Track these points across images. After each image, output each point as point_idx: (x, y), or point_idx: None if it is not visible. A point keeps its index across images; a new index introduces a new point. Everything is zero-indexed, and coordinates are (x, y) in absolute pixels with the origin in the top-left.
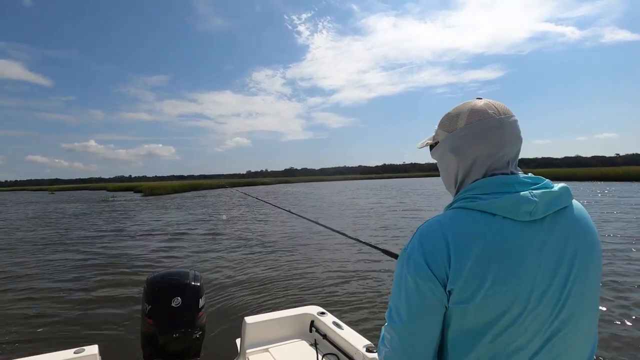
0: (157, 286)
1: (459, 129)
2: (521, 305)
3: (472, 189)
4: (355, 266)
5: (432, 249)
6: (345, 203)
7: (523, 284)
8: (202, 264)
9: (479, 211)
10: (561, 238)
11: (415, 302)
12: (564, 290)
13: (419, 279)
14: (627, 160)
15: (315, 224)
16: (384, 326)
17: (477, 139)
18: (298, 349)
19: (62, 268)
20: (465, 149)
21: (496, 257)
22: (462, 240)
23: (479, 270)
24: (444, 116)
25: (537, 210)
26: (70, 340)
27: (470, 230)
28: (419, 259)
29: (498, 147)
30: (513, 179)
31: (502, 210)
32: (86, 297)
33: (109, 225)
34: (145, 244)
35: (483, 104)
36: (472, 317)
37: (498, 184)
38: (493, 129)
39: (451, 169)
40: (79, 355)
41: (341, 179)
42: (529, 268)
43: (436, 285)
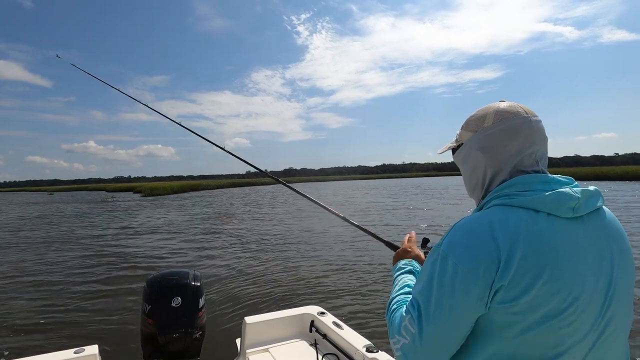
0: (157, 286)
1: (486, 127)
2: (574, 304)
3: (509, 187)
4: (355, 266)
5: (475, 249)
6: (356, 202)
7: (574, 281)
8: (202, 264)
9: (521, 208)
10: (601, 238)
11: (448, 303)
12: (609, 291)
13: (457, 280)
14: (626, 159)
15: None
16: (406, 317)
17: (505, 136)
18: (298, 349)
19: (61, 268)
20: (493, 146)
21: (545, 255)
22: (508, 237)
23: (528, 268)
24: (468, 119)
25: (580, 207)
26: (70, 340)
27: (516, 228)
28: (458, 259)
29: (527, 145)
30: (550, 178)
31: (546, 207)
32: (86, 297)
33: (108, 225)
34: (145, 244)
35: (509, 104)
36: (521, 316)
37: (536, 181)
38: (521, 126)
39: (478, 169)
40: (79, 355)
41: (341, 179)
42: (578, 266)
43: (477, 287)
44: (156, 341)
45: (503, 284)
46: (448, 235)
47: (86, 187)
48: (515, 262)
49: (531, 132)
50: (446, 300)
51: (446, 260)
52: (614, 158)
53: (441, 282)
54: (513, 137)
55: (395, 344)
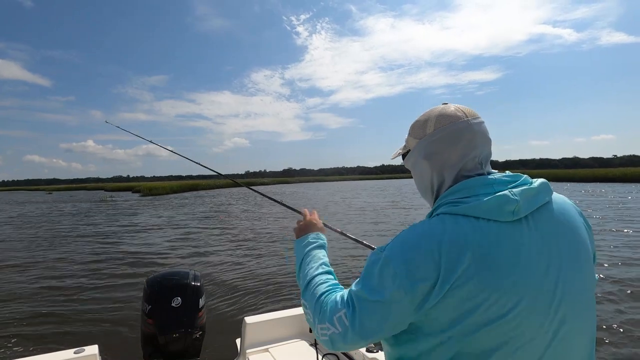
0: (157, 286)
1: (428, 134)
2: (515, 309)
3: (452, 193)
4: (355, 266)
5: (416, 259)
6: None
7: (515, 287)
8: (202, 264)
9: (462, 216)
10: (546, 235)
11: (381, 308)
12: (556, 290)
13: (394, 288)
14: (624, 161)
15: None
16: (341, 310)
17: (447, 142)
18: (298, 349)
19: (61, 268)
20: (436, 153)
21: (484, 265)
22: (449, 249)
23: (467, 279)
24: (412, 123)
25: (520, 209)
26: (70, 340)
27: (457, 237)
28: (399, 267)
29: (469, 149)
30: (491, 180)
31: (486, 213)
32: (86, 297)
33: (108, 225)
34: (145, 244)
35: (450, 108)
36: (459, 321)
37: (477, 185)
38: (462, 131)
39: (425, 176)
40: (79, 355)
41: (340, 180)
42: (520, 270)
43: (412, 297)
44: (156, 341)
45: (440, 296)
46: (393, 241)
47: (85, 187)
48: (454, 274)
49: (472, 136)
50: (380, 306)
51: (387, 265)
52: (612, 160)
53: (378, 286)
54: (455, 142)
55: (323, 329)
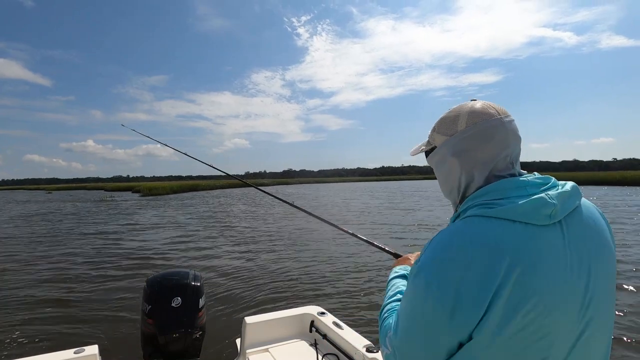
0: (157, 286)
1: (459, 131)
2: (551, 313)
3: (483, 195)
4: (355, 266)
5: (450, 266)
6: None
7: (554, 292)
8: (202, 264)
9: (496, 218)
10: (578, 239)
11: (420, 325)
12: (587, 293)
13: (431, 300)
14: (624, 164)
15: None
16: (390, 331)
17: (480, 140)
18: (298, 349)
19: (60, 268)
20: (468, 151)
21: (525, 268)
22: (486, 253)
23: (508, 284)
24: (439, 120)
25: (556, 212)
26: (70, 340)
27: (494, 241)
28: (431, 277)
29: (501, 148)
30: (524, 182)
31: (522, 216)
32: (86, 297)
33: (107, 225)
34: (145, 244)
35: (481, 105)
36: (496, 329)
37: (510, 187)
38: (495, 128)
39: (453, 175)
40: (79, 355)
41: (340, 181)
42: (555, 274)
43: (446, 309)
44: (156, 341)
45: (480, 304)
46: (427, 251)
47: (85, 186)
48: (494, 281)
49: (505, 134)
50: (418, 322)
51: (419, 276)
52: (612, 163)
53: (413, 300)
54: (487, 140)
55: (382, 350)
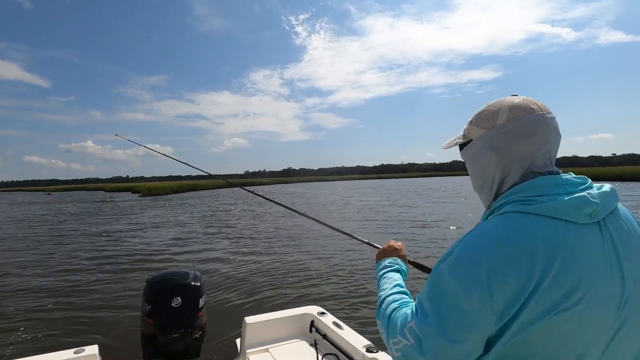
0: (157, 286)
1: (499, 124)
2: (592, 314)
3: (521, 191)
4: (355, 266)
5: (492, 261)
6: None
7: (594, 291)
8: (202, 264)
9: (535, 215)
10: (616, 240)
11: (458, 317)
12: (623, 293)
13: (470, 292)
14: (623, 160)
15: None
16: (412, 320)
17: (521, 135)
18: (298, 349)
19: (61, 268)
20: (507, 145)
21: (567, 266)
22: (527, 250)
23: (549, 282)
24: (478, 113)
25: (598, 212)
26: (70, 340)
27: (535, 239)
28: (471, 271)
29: (541, 144)
30: (564, 180)
31: (562, 214)
32: (86, 297)
33: (107, 225)
34: (145, 244)
35: (523, 100)
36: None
37: (549, 185)
38: (537, 124)
39: (489, 169)
40: (79, 355)
41: (339, 179)
42: (597, 274)
43: (487, 305)
44: (156, 341)
45: (521, 302)
46: (461, 244)
47: (84, 187)
48: (533, 278)
49: (547, 130)
50: (455, 313)
51: (457, 269)
52: (611, 159)
53: (449, 293)
54: (528, 136)
55: (395, 344)
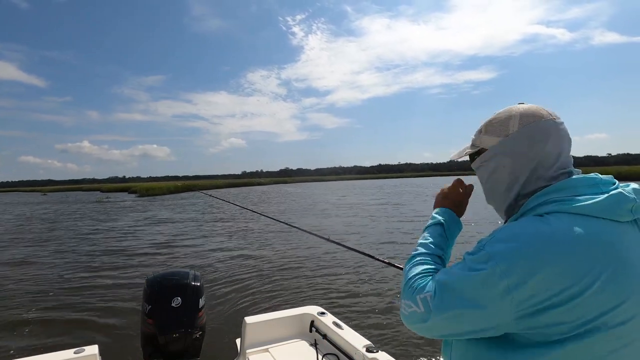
0: (157, 286)
1: (513, 132)
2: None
3: (556, 191)
4: (355, 266)
5: (532, 261)
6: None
7: (636, 291)
8: (202, 264)
9: (576, 214)
10: None
11: (477, 311)
12: None
13: (496, 291)
14: (619, 160)
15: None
16: (428, 293)
17: (536, 140)
18: (298, 349)
19: (61, 268)
20: (524, 151)
21: (613, 265)
22: (573, 249)
23: (594, 282)
24: (488, 122)
25: (637, 207)
26: (70, 340)
27: (580, 237)
28: (509, 267)
29: (556, 147)
30: (597, 180)
31: (606, 212)
32: (86, 297)
33: (106, 225)
34: (145, 244)
35: (532, 107)
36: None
37: (582, 185)
38: (549, 129)
39: (505, 176)
40: (79, 355)
41: (336, 179)
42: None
43: (514, 305)
44: (156, 341)
45: (558, 303)
46: (497, 238)
47: (80, 188)
48: (578, 278)
49: (559, 134)
50: (473, 309)
51: (489, 262)
52: (607, 158)
53: (478, 284)
54: (543, 141)
55: (406, 306)
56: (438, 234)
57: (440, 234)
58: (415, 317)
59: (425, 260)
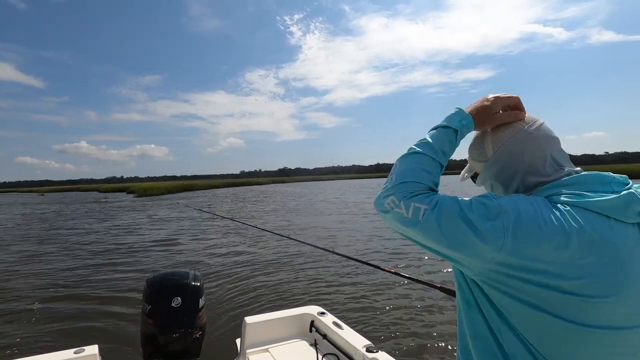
0: (157, 286)
1: (491, 157)
2: (636, 322)
3: (566, 185)
4: (354, 266)
5: (536, 231)
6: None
7: (637, 296)
8: (202, 264)
9: (584, 209)
10: None
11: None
12: None
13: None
14: (616, 158)
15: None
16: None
17: (514, 155)
18: (298, 349)
19: (61, 268)
20: (508, 166)
21: (614, 264)
22: (578, 238)
23: (587, 274)
24: (469, 148)
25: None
26: (70, 340)
27: (585, 229)
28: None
29: (539, 152)
30: (609, 178)
31: (614, 211)
32: (86, 297)
33: (106, 226)
34: (144, 244)
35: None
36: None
37: (594, 182)
38: (523, 140)
39: (502, 188)
40: (79, 355)
41: (335, 179)
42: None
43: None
44: (156, 341)
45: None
46: (510, 198)
47: (78, 188)
48: (571, 266)
49: (535, 142)
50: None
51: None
52: (604, 157)
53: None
54: (521, 154)
55: (392, 203)
56: (448, 140)
57: (450, 142)
58: (399, 218)
59: (428, 163)
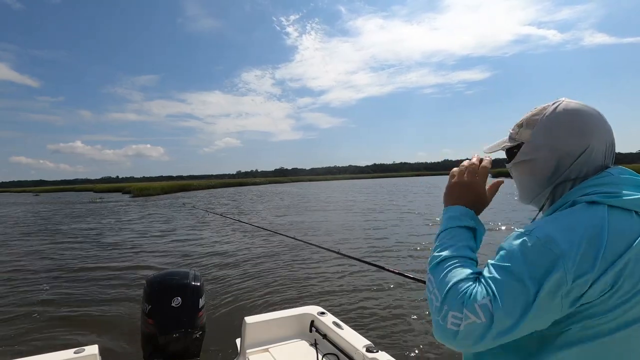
0: (158, 286)
1: (557, 126)
2: None
3: (596, 185)
4: (355, 266)
5: (582, 247)
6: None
7: None
8: (202, 264)
9: (622, 209)
10: None
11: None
12: None
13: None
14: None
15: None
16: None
17: (580, 133)
18: (298, 349)
19: (61, 268)
20: (566, 143)
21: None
22: (619, 241)
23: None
24: (528, 117)
25: None
26: (70, 340)
27: (625, 231)
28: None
29: (596, 140)
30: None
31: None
32: (86, 297)
33: (105, 226)
34: (144, 244)
35: (574, 101)
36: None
37: (626, 183)
38: (596, 123)
39: (550, 166)
40: (79, 355)
41: (332, 179)
42: None
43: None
44: (156, 341)
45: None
46: (546, 224)
47: (73, 188)
48: (619, 269)
49: (601, 127)
50: (528, 295)
51: (541, 248)
52: None
53: (528, 272)
54: (585, 133)
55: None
56: (468, 237)
57: (470, 237)
58: (476, 329)
59: (463, 262)
